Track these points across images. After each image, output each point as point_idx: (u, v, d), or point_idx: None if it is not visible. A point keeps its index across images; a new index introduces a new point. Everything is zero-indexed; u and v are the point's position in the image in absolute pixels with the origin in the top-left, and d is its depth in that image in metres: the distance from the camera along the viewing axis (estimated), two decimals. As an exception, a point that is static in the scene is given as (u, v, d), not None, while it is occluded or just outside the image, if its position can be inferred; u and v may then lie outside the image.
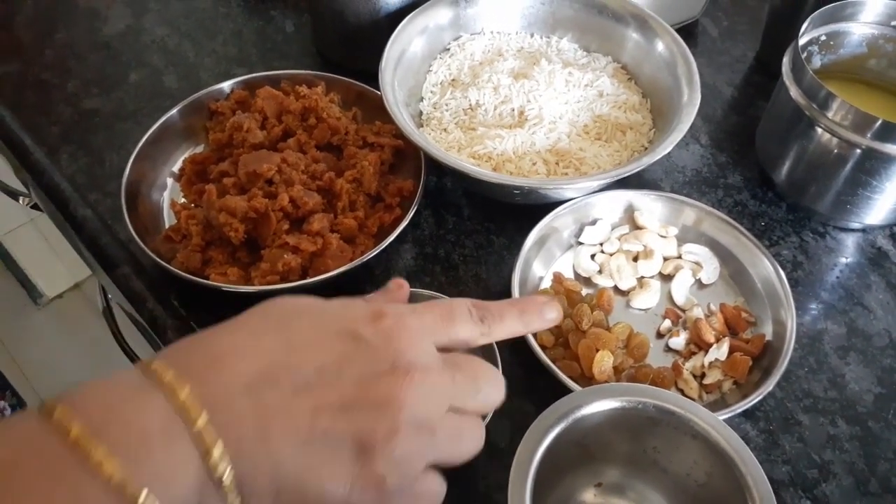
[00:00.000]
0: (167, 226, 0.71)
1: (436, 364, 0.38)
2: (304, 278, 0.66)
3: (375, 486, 0.35)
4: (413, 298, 0.66)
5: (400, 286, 0.49)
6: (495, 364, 0.58)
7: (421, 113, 0.80)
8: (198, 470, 0.32)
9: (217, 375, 0.35)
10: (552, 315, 0.46)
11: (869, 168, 0.66)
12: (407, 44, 0.77)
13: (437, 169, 0.76)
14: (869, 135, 0.64)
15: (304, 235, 0.67)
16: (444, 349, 0.40)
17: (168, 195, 0.75)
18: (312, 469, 0.34)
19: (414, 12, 0.78)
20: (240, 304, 0.41)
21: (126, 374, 0.35)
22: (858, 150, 0.65)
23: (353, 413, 0.35)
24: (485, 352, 0.58)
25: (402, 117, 0.70)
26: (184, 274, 0.64)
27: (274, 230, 0.67)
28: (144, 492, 0.30)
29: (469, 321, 0.41)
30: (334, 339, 0.37)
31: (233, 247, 0.68)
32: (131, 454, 0.31)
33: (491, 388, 0.41)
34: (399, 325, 0.38)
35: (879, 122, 0.63)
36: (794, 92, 0.69)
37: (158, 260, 0.64)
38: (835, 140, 0.66)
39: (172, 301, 0.68)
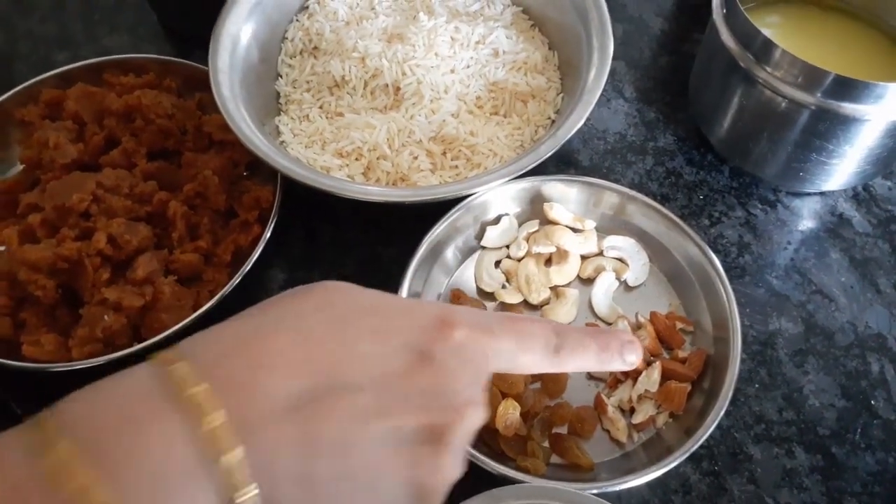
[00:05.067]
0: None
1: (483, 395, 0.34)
2: (139, 340, 0.53)
3: None
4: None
5: None
6: None
7: (278, 95, 0.65)
8: None
9: (260, 391, 0.28)
10: (633, 359, 0.39)
11: (823, 131, 0.53)
12: (238, 26, 0.61)
13: (303, 167, 0.62)
14: (819, 93, 0.50)
15: (128, 286, 0.53)
16: None
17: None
18: None
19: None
20: (69, 381, 0.31)
21: (136, 379, 0.28)
22: (807, 111, 0.52)
23: (415, 449, 0.30)
24: None
25: (245, 128, 0.56)
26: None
27: (92, 281, 0.53)
28: None
29: (542, 352, 0.35)
30: (400, 353, 0.31)
31: (49, 305, 0.55)
32: None
33: None
34: (472, 347, 0.32)
35: (831, 77, 0.49)
36: (726, 36, 0.55)
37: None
38: (778, 98, 0.53)
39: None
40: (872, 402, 0.53)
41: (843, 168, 0.56)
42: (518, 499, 0.42)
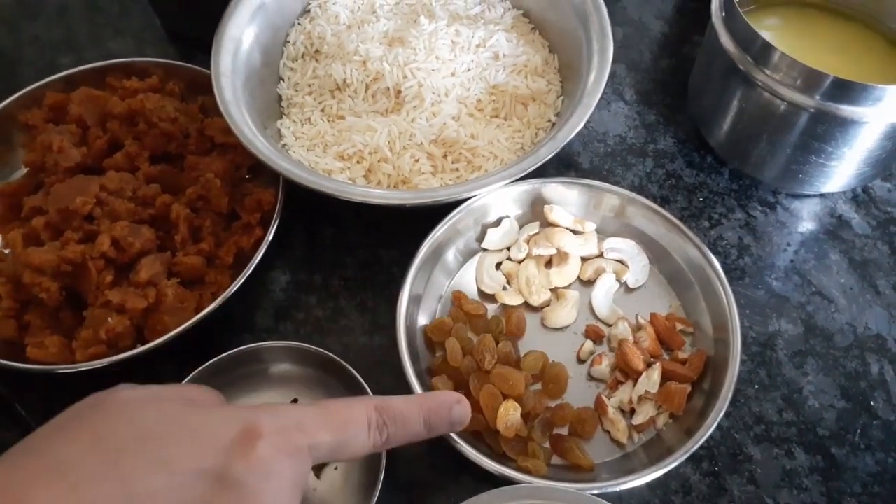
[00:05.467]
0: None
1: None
2: (142, 342, 0.53)
3: None
4: (273, 353, 0.55)
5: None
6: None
7: (280, 98, 0.65)
8: None
9: None
10: (461, 420, 0.40)
11: (821, 133, 0.53)
12: (241, 30, 0.62)
13: (305, 170, 0.62)
14: (818, 95, 0.51)
15: (132, 288, 0.54)
16: None
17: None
18: None
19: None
20: (73, 382, 0.31)
21: None
22: (806, 113, 0.52)
23: None
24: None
25: (247, 131, 0.56)
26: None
27: (95, 284, 0.54)
28: None
29: (366, 436, 0.34)
30: (194, 482, 0.28)
31: (53, 307, 0.55)
32: None
33: None
34: (282, 453, 0.30)
35: (830, 79, 0.49)
36: (726, 39, 0.55)
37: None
38: (777, 100, 0.53)
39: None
40: (872, 402, 0.53)
41: (842, 170, 0.56)
42: (519, 499, 0.42)
